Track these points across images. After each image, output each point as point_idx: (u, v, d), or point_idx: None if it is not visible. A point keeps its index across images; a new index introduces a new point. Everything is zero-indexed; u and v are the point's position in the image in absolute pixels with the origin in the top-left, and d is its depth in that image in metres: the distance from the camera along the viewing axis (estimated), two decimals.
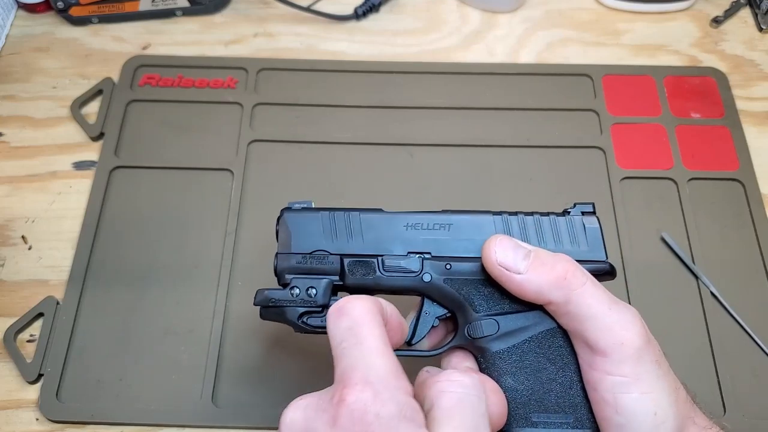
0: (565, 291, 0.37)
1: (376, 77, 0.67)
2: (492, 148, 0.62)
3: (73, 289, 0.55)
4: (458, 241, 0.42)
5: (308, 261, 0.42)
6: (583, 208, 0.43)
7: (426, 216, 0.42)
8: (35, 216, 0.59)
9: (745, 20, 0.72)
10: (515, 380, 0.39)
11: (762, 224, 0.58)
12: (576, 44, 0.70)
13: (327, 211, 0.43)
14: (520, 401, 0.39)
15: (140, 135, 0.63)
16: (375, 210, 0.43)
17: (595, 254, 0.41)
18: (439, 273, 0.41)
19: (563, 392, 0.39)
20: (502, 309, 0.40)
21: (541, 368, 0.39)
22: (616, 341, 0.36)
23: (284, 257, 0.42)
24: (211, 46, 0.69)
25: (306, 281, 0.41)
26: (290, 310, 0.41)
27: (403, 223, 0.42)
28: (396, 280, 0.41)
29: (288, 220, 0.43)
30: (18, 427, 0.50)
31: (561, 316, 0.38)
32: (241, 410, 0.50)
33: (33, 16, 0.72)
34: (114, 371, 0.51)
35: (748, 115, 0.65)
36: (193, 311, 0.54)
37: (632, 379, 0.36)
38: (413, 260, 0.41)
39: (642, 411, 0.35)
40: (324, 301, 0.41)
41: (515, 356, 0.39)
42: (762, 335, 0.53)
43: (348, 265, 0.42)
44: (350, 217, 0.42)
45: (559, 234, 0.42)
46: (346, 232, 0.42)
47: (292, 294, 0.41)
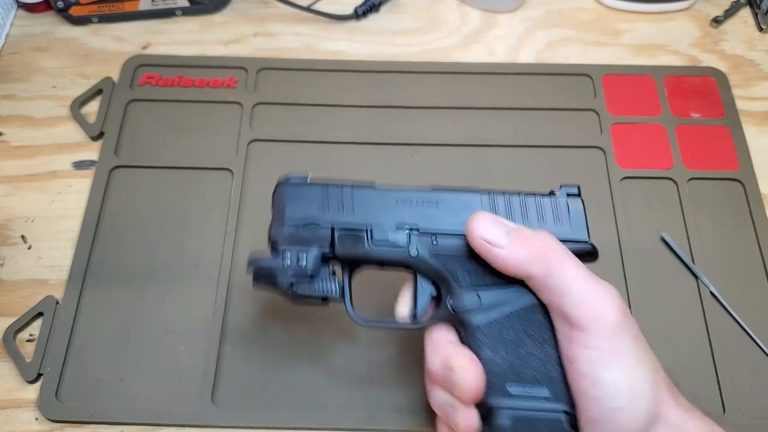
0: (545, 265, 0.38)
1: (376, 77, 0.67)
2: (492, 148, 0.62)
3: (73, 288, 0.55)
4: (446, 217, 0.43)
5: (300, 231, 0.43)
6: (568, 190, 0.44)
7: (416, 192, 0.44)
8: (35, 215, 0.59)
9: (745, 20, 0.72)
10: (494, 353, 0.40)
11: (762, 224, 0.58)
12: (576, 44, 0.70)
13: (321, 184, 0.44)
14: (498, 373, 0.39)
15: (140, 134, 0.63)
16: (367, 185, 0.44)
17: (578, 234, 0.43)
18: (425, 247, 0.42)
19: (541, 366, 0.39)
20: (484, 283, 0.41)
21: (520, 342, 0.40)
22: (593, 315, 0.37)
23: (278, 227, 0.43)
24: (211, 45, 0.69)
25: (297, 250, 0.42)
26: (281, 278, 0.42)
27: (393, 198, 0.44)
28: (384, 253, 0.43)
29: (283, 192, 0.44)
30: (17, 427, 0.50)
31: (541, 290, 0.39)
32: (241, 410, 0.50)
33: (33, 15, 0.72)
34: (114, 371, 0.51)
35: (748, 115, 0.65)
36: (193, 311, 0.54)
37: (609, 353, 0.36)
38: (401, 234, 0.43)
39: (617, 385, 0.36)
40: (314, 269, 0.42)
41: (495, 330, 0.40)
42: (762, 335, 0.53)
43: (338, 236, 0.43)
44: (343, 190, 0.44)
45: (543, 213, 0.43)
46: (338, 205, 0.44)
47: (283, 262, 0.42)
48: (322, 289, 0.43)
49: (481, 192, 0.44)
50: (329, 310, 0.53)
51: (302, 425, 0.50)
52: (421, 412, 0.49)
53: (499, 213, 0.43)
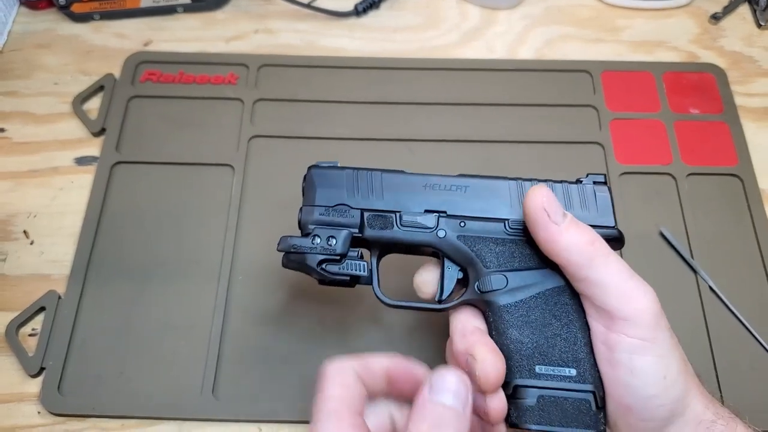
0: (590, 255, 0.39)
1: (377, 73, 0.67)
2: (491, 144, 0.62)
3: (75, 283, 0.55)
4: (473, 202, 0.44)
5: (330, 213, 0.44)
6: (595, 178, 0.44)
7: (444, 178, 0.45)
8: (37, 211, 0.59)
9: (744, 16, 0.72)
10: (521, 333, 0.40)
11: (760, 219, 0.58)
12: (575, 40, 0.70)
13: (352, 169, 0.45)
14: (524, 353, 0.40)
15: (141, 131, 0.63)
16: (397, 171, 0.45)
17: (605, 220, 0.43)
18: (453, 230, 0.43)
19: (567, 347, 0.40)
20: (511, 266, 0.42)
21: (546, 323, 0.41)
22: (636, 307, 0.38)
23: (308, 210, 0.44)
24: (212, 42, 0.70)
25: (327, 231, 0.44)
26: (310, 257, 0.43)
27: (422, 183, 0.45)
28: (412, 235, 0.44)
29: (314, 175, 0.45)
30: (20, 420, 0.50)
31: (579, 281, 0.39)
32: (242, 403, 0.50)
33: (35, 12, 0.72)
34: (115, 365, 0.52)
35: (747, 110, 0.65)
36: (194, 305, 0.54)
37: (650, 343, 0.37)
38: (429, 217, 0.44)
39: (654, 373, 0.37)
40: (343, 250, 0.43)
41: (522, 310, 0.41)
42: (760, 329, 0.53)
43: (367, 218, 0.44)
44: (372, 176, 0.45)
45: (571, 199, 0.43)
46: (367, 189, 0.45)
47: (314, 242, 0.43)
48: (351, 269, 0.43)
49: (509, 179, 0.44)
50: (331, 304, 0.54)
51: (303, 418, 0.50)
52: None
53: None
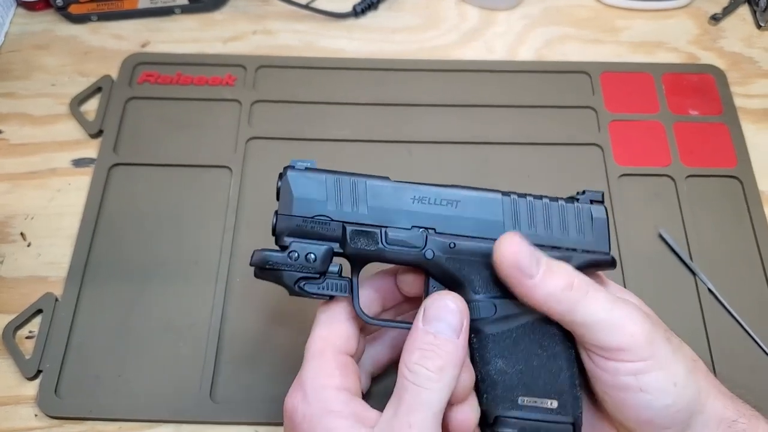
0: (571, 301, 0.37)
1: (375, 74, 0.67)
2: (490, 145, 0.62)
3: (72, 285, 0.55)
4: (465, 219, 0.41)
5: (309, 225, 0.40)
6: (592, 196, 0.42)
7: (434, 189, 0.41)
8: (34, 213, 0.59)
9: (744, 17, 0.72)
10: (506, 363, 0.39)
11: (759, 221, 0.58)
12: (574, 41, 0.70)
13: (332, 174, 0.41)
14: (508, 384, 0.39)
15: (139, 132, 0.63)
16: (382, 178, 0.42)
17: (600, 245, 0.41)
18: (442, 251, 0.40)
19: (551, 379, 0.39)
20: (501, 292, 0.40)
21: (532, 354, 0.39)
22: (626, 335, 0.37)
23: (284, 218, 0.41)
24: (210, 43, 0.70)
25: (305, 246, 0.40)
26: (287, 274, 0.40)
27: (410, 195, 0.41)
28: (398, 253, 0.40)
29: (291, 179, 0.41)
30: (17, 423, 0.50)
31: (567, 325, 0.39)
32: (240, 406, 0.50)
33: (32, 13, 0.72)
34: (113, 367, 0.52)
35: (746, 112, 0.65)
36: (192, 307, 0.54)
37: (650, 361, 0.37)
38: (417, 235, 0.40)
39: (664, 385, 0.37)
40: (322, 268, 0.40)
41: (509, 340, 0.40)
42: (759, 332, 0.53)
43: (350, 233, 0.40)
44: (356, 183, 0.41)
45: (566, 222, 0.41)
46: (350, 199, 0.41)
47: (291, 258, 0.40)
48: (330, 288, 0.40)
49: (502, 194, 0.42)
50: None
51: None
52: None
53: (521, 219, 0.41)
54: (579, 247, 0.40)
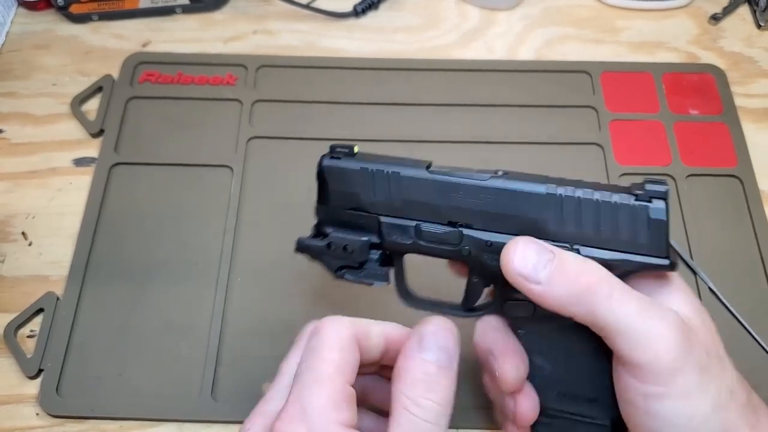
0: (588, 305, 0.34)
1: (376, 74, 0.67)
2: (491, 145, 0.62)
3: (73, 285, 0.55)
4: (504, 216, 0.38)
5: (346, 215, 0.41)
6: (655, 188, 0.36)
7: (473, 181, 0.38)
8: (35, 212, 0.59)
9: (744, 17, 0.72)
10: (544, 361, 0.39)
11: (760, 220, 0.58)
12: (575, 41, 0.70)
13: (368, 163, 0.40)
14: (546, 381, 0.39)
15: (140, 132, 0.63)
16: (421, 166, 0.40)
17: (656, 249, 0.36)
18: (478, 248, 0.39)
19: (590, 378, 0.39)
20: None
21: (571, 354, 0.39)
22: (648, 355, 0.33)
23: (322, 209, 0.41)
24: (211, 43, 0.70)
25: (343, 237, 0.40)
26: (328, 261, 0.41)
27: (447, 188, 0.39)
28: (434, 249, 0.40)
29: (326, 170, 0.41)
30: (18, 422, 0.50)
31: (590, 326, 0.36)
32: (241, 405, 0.50)
33: (33, 13, 0.72)
34: (114, 366, 0.52)
35: (747, 111, 0.65)
36: (193, 307, 0.54)
37: (667, 390, 0.34)
38: (452, 232, 0.39)
39: (676, 417, 0.34)
40: (362, 258, 0.40)
41: (547, 339, 0.39)
42: (760, 331, 0.53)
43: (385, 226, 0.40)
44: (391, 175, 0.39)
45: (618, 224, 0.36)
46: (384, 191, 0.40)
47: (329, 248, 0.41)
48: (371, 275, 0.41)
49: (548, 185, 0.37)
50: (332, 306, 0.54)
51: None
52: None
53: (566, 217, 0.37)
54: (632, 250, 0.36)
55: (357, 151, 0.41)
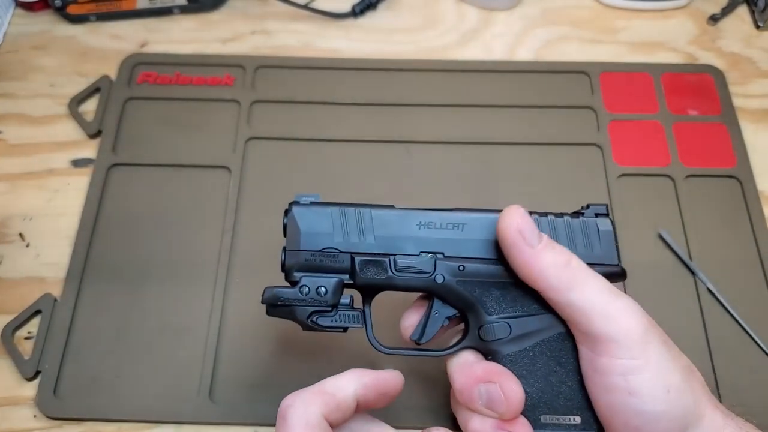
0: (569, 278, 0.38)
1: (374, 75, 0.67)
2: (489, 146, 0.62)
3: (71, 286, 0.55)
4: (472, 241, 0.41)
5: (318, 259, 0.41)
6: (596, 210, 0.42)
7: (439, 214, 0.42)
8: (33, 213, 0.59)
9: (742, 18, 0.72)
10: (526, 383, 0.39)
11: (759, 221, 0.58)
12: (574, 42, 0.70)
13: (337, 206, 0.42)
14: (530, 403, 0.39)
15: (138, 132, 0.63)
16: (386, 206, 0.42)
17: (608, 257, 0.41)
18: (452, 274, 0.41)
19: (572, 394, 0.39)
20: (514, 312, 0.40)
21: (551, 371, 0.40)
22: (621, 327, 0.37)
23: (293, 254, 0.41)
24: (209, 43, 0.69)
25: (315, 280, 0.41)
26: (299, 309, 0.41)
27: (415, 222, 0.41)
28: (408, 281, 0.41)
29: (297, 215, 0.42)
30: (15, 424, 0.50)
31: (563, 307, 0.38)
32: (239, 407, 0.50)
33: (31, 14, 0.72)
34: (111, 368, 0.51)
35: (745, 112, 0.65)
36: (191, 308, 0.54)
37: (642, 361, 0.36)
38: (426, 260, 0.41)
39: (655, 390, 0.36)
40: (334, 300, 0.41)
41: (526, 359, 0.40)
42: (759, 332, 0.53)
43: (359, 264, 0.41)
44: (361, 213, 0.41)
45: (573, 236, 0.41)
46: (357, 230, 0.41)
47: (302, 293, 0.41)
48: (343, 320, 0.41)
49: None
50: None
51: None
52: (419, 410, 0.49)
53: None
54: (588, 261, 0.40)
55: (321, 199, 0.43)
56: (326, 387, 0.37)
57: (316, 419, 0.35)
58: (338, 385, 0.37)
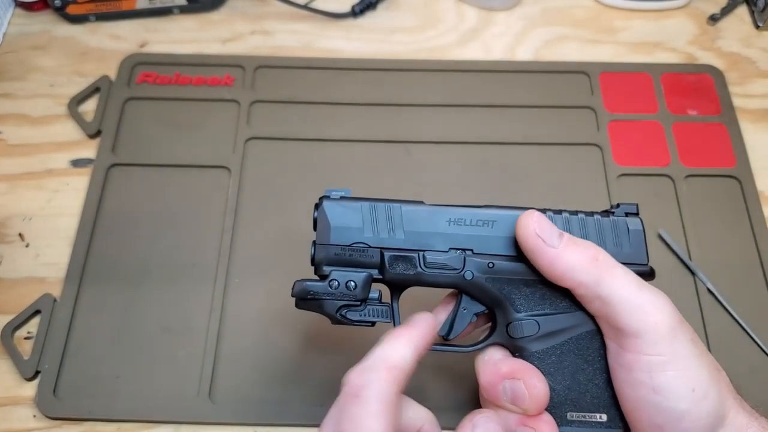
0: (596, 272, 0.37)
1: (374, 75, 0.67)
2: (489, 146, 0.62)
3: (70, 286, 0.55)
4: (501, 238, 0.41)
5: (347, 253, 0.41)
6: (626, 209, 0.42)
7: (469, 211, 0.41)
8: (32, 213, 0.59)
9: (742, 18, 0.72)
10: (553, 380, 0.39)
11: (758, 221, 0.58)
12: (573, 42, 0.70)
13: (367, 201, 0.42)
14: (557, 400, 0.39)
15: (137, 133, 0.63)
16: (417, 202, 0.42)
17: (637, 257, 0.41)
18: (481, 271, 0.40)
19: (598, 392, 0.39)
20: (543, 310, 0.40)
21: (578, 369, 0.40)
22: (649, 321, 0.36)
23: (322, 248, 0.41)
24: (208, 43, 0.69)
25: (345, 274, 0.41)
26: (329, 303, 0.40)
27: (445, 218, 0.41)
28: (437, 277, 0.41)
29: (327, 209, 0.41)
30: (15, 424, 0.50)
31: (591, 300, 0.38)
32: (238, 406, 0.50)
33: (30, 14, 0.72)
34: (111, 368, 0.51)
35: (745, 112, 0.65)
36: (190, 308, 0.54)
37: (668, 358, 0.36)
38: (455, 257, 0.41)
39: (680, 388, 0.35)
40: (363, 295, 0.40)
41: (554, 357, 0.40)
42: (759, 332, 0.53)
43: (388, 259, 0.41)
44: (391, 209, 0.41)
45: (603, 235, 0.41)
46: (386, 225, 0.41)
47: (331, 286, 0.40)
48: (372, 314, 0.41)
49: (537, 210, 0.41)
50: None
51: (300, 422, 0.50)
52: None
53: None
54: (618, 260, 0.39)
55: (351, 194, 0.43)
56: (392, 361, 0.35)
57: (393, 397, 0.34)
58: (402, 356, 0.36)
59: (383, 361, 0.35)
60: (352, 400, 0.34)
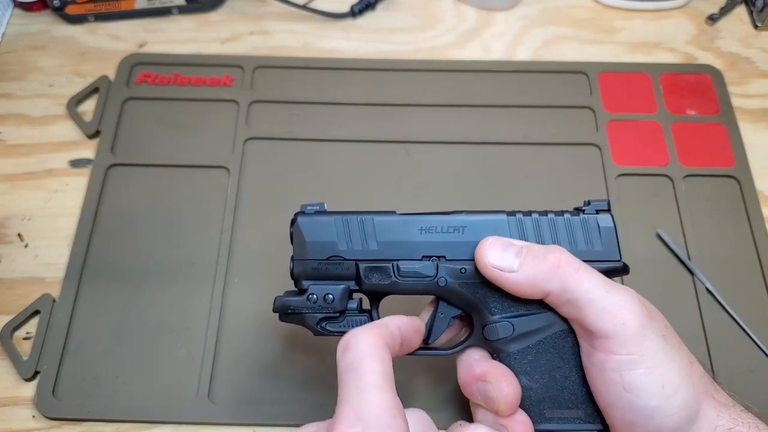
0: (560, 279, 0.38)
1: (373, 75, 0.67)
2: (488, 146, 0.62)
3: (69, 286, 0.55)
4: (473, 243, 0.41)
5: (324, 267, 0.42)
6: (597, 206, 0.43)
7: (439, 218, 0.42)
8: (31, 214, 0.59)
9: (741, 17, 0.72)
10: (530, 379, 0.40)
11: (757, 221, 0.58)
12: (572, 42, 0.70)
13: (340, 215, 0.43)
14: (534, 399, 0.40)
15: (136, 133, 0.63)
16: (388, 213, 0.43)
17: (610, 253, 0.42)
18: (454, 277, 0.41)
19: (576, 389, 0.40)
20: (516, 311, 0.41)
21: (555, 367, 0.40)
22: (617, 322, 0.37)
23: (300, 263, 0.42)
24: (208, 44, 0.69)
25: (323, 287, 0.42)
26: (309, 316, 0.42)
27: (417, 227, 0.42)
28: (411, 285, 0.42)
29: (302, 225, 0.43)
30: (14, 425, 0.50)
31: (561, 305, 0.39)
32: (238, 407, 0.50)
33: (29, 14, 0.72)
34: (110, 368, 0.51)
35: (744, 112, 0.65)
36: (190, 308, 0.54)
37: (638, 356, 0.36)
38: (428, 265, 0.42)
39: (649, 385, 0.36)
40: (341, 306, 0.42)
41: (530, 356, 0.40)
42: (757, 331, 0.53)
43: (363, 270, 0.42)
44: (364, 221, 0.42)
45: (574, 234, 0.42)
46: (360, 237, 0.42)
47: (310, 300, 0.42)
48: (351, 325, 0.42)
49: (507, 214, 0.42)
50: None
51: (299, 421, 0.49)
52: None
53: (528, 236, 0.42)
54: (590, 258, 0.40)
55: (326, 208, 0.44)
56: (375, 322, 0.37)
57: (380, 341, 0.35)
58: (384, 321, 0.38)
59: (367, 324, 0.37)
60: (344, 353, 0.35)
